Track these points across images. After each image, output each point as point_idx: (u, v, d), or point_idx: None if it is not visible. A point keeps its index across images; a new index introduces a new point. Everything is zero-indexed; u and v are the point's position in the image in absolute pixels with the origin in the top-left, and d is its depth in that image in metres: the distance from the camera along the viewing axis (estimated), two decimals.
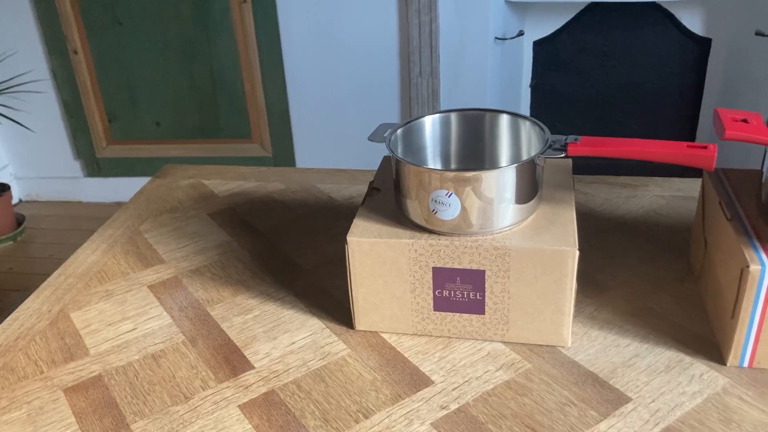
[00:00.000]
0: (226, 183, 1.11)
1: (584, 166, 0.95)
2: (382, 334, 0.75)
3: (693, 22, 2.37)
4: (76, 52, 2.50)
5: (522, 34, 2.44)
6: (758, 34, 2.14)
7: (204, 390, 0.68)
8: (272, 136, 2.52)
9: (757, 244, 0.65)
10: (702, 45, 2.40)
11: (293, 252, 0.91)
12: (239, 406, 0.66)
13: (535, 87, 2.59)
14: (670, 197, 0.99)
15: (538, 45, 2.51)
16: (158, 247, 0.94)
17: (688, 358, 0.69)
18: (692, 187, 1.01)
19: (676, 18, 2.36)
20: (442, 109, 2.17)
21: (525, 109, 2.63)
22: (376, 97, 2.39)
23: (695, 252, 0.82)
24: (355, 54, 2.34)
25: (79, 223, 2.73)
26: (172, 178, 1.14)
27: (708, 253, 0.76)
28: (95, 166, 2.75)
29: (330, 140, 2.50)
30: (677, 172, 2.21)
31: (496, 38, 2.28)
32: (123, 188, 2.76)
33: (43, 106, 2.67)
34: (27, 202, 2.93)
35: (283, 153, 2.55)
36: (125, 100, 2.59)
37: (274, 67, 2.39)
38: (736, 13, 2.29)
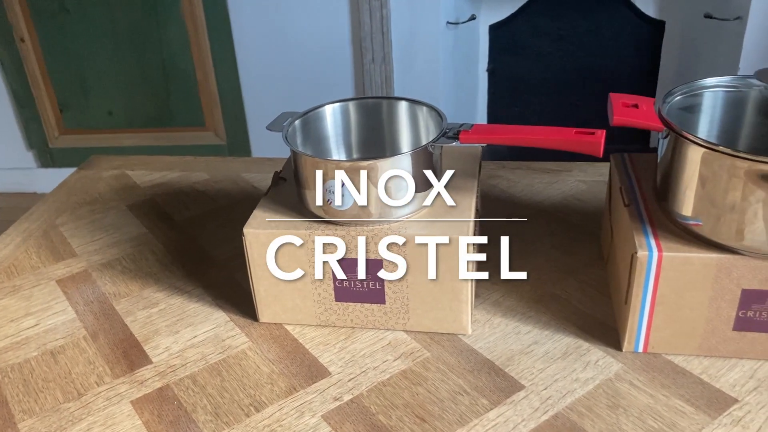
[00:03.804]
0: (149, 174, 1.09)
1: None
2: (287, 326, 0.74)
3: (646, 4, 2.37)
4: (23, 40, 2.45)
5: (474, 18, 2.43)
6: (707, 16, 2.15)
7: (99, 386, 0.67)
8: (226, 124, 2.50)
9: (649, 230, 0.65)
10: (656, 27, 2.40)
11: (208, 244, 0.90)
12: (132, 401, 0.65)
13: (492, 71, 2.58)
14: (591, 182, 0.99)
15: (494, 29, 2.50)
16: (72, 240, 0.92)
17: (586, 345, 0.69)
18: None
19: (629, 0, 2.37)
20: (393, 95, 2.14)
21: (482, 93, 2.62)
22: (329, 83, 2.37)
23: (604, 238, 0.82)
24: (306, 40, 2.31)
25: None
26: (96, 170, 1.12)
27: (613, 238, 0.76)
28: (48, 157, 2.71)
29: None
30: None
31: (449, 23, 2.27)
32: None
33: None
34: None
35: (237, 141, 2.52)
36: (76, 88, 2.55)
37: (226, 54, 2.36)
38: None
